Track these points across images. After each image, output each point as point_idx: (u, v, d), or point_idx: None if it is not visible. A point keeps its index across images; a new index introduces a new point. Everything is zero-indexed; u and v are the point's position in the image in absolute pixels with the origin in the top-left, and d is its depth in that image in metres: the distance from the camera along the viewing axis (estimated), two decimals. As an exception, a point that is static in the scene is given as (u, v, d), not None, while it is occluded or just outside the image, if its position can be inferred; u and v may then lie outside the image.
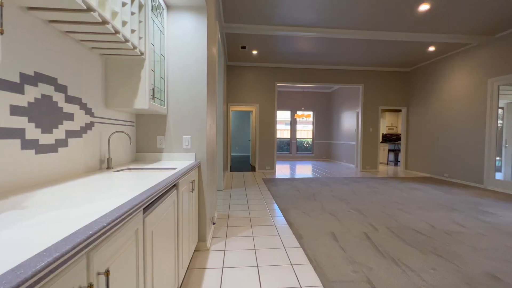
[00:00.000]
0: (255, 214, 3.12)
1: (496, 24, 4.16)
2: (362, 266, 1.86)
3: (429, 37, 4.63)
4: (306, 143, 10.81)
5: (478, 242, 2.32)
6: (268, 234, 2.47)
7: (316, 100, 10.21)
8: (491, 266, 1.88)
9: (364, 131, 6.95)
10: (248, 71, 6.67)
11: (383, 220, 2.88)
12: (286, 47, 5.37)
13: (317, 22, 4.21)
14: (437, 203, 3.64)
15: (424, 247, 2.20)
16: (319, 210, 3.25)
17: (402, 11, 3.78)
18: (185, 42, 2.10)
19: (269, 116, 6.75)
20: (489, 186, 4.73)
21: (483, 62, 4.85)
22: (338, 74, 6.91)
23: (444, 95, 5.76)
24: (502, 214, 3.14)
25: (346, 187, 4.76)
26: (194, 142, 2.13)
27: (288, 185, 4.91)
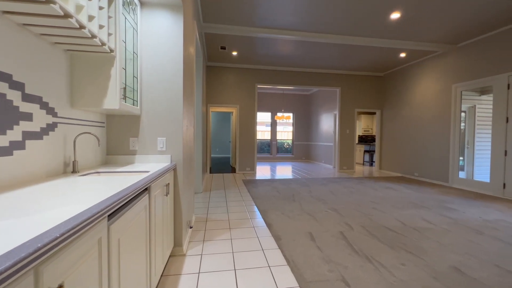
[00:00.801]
0: (234, 216, 3.09)
1: (458, 34, 4.49)
2: (338, 265, 1.90)
3: (400, 43, 4.89)
4: (287, 144, 10.95)
5: (444, 237, 2.47)
6: (246, 237, 2.46)
7: (296, 102, 10.38)
8: (454, 260, 2.00)
9: (341, 132, 7.17)
10: (228, 72, 6.63)
11: (359, 219, 2.98)
12: (266, 49, 5.41)
13: (297, 25, 4.28)
14: (408, 201, 3.83)
15: (395, 243, 2.30)
16: (298, 211, 3.29)
17: (376, 18, 3.96)
18: (160, 40, 2.03)
19: (249, 117, 6.75)
20: (453, 184, 5.08)
21: (448, 69, 5.22)
22: (316, 77, 7.08)
23: (414, 99, 6.11)
24: (465, 210, 3.38)
25: (324, 187, 4.88)
26: (169, 143, 2.06)
27: (268, 186, 4.93)
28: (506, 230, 2.68)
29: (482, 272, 1.83)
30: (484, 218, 3.05)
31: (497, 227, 2.75)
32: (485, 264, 1.95)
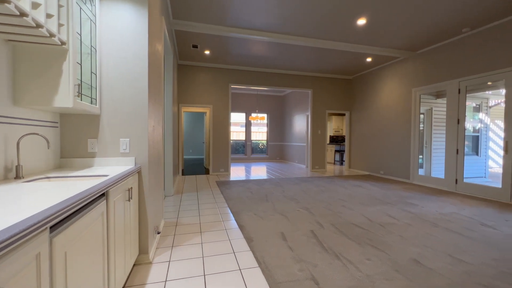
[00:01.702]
0: (205, 219, 3.01)
1: (417, 42, 4.85)
2: (308, 264, 1.93)
3: (366, 49, 5.16)
4: (261, 145, 11.02)
5: (405, 231, 2.63)
6: (218, 240, 2.40)
7: (270, 102, 10.49)
8: (414, 252, 2.14)
9: (313, 133, 7.38)
10: (201, 71, 6.49)
11: (329, 217, 3.07)
12: (240, 49, 5.38)
13: (270, 27, 4.31)
14: (374, 198, 4.04)
15: (362, 239, 2.40)
16: (271, 211, 3.30)
17: (344, 23, 4.12)
18: (123, 35, 1.90)
19: (223, 118, 6.66)
20: (414, 181, 5.47)
21: (408, 74, 5.62)
22: (289, 78, 7.21)
23: (379, 101, 6.49)
24: (424, 205, 3.65)
25: (297, 186, 4.97)
26: (133, 145, 1.93)
27: (241, 187, 4.89)
28: (458, 222, 2.94)
29: (437, 262, 1.97)
30: (440, 212, 3.32)
31: (450, 220, 3.00)
32: (439, 254, 2.10)
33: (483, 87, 4.86)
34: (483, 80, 4.22)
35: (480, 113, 6.64)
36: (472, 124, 6.53)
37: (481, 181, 5.51)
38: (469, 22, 4.02)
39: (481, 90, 5.85)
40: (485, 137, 6.50)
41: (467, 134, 6.18)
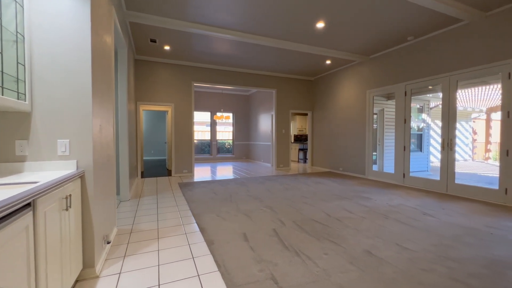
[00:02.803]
0: (164, 224, 2.84)
1: (370, 47, 5.22)
2: (268, 263, 1.93)
3: (326, 51, 5.40)
4: (228, 144, 10.90)
5: (360, 224, 2.80)
6: (176, 245, 2.27)
7: (235, 102, 10.42)
8: (367, 244, 2.28)
9: (278, 132, 7.52)
10: (161, 67, 6.15)
11: (291, 215, 3.13)
12: (202, 46, 5.22)
13: (233, 25, 4.25)
14: (333, 194, 4.25)
15: (321, 235, 2.49)
16: (234, 212, 3.25)
17: (304, 25, 4.24)
18: (60, 22, 1.68)
19: (186, 117, 6.41)
20: (369, 176, 5.90)
21: (363, 77, 6.03)
22: (254, 78, 7.23)
23: (338, 102, 6.85)
24: (376, 199, 3.94)
25: (261, 185, 5.00)
26: (75, 147, 1.72)
27: (205, 188, 4.76)
28: (405, 212, 3.22)
29: (387, 251, 2.13)
30: (390, 204, 3.61)
31: (399, 211, 3.28)
32: (389, 244, 2.27)
33: (424, 90, 5.43)
34: (424, 84, 4.71)
35: (423, 114, 7.42)
36: (417, 123, 7.27)
37: (424, 174, 6.15)
38: (413, 32, 4.44)
39: (423, 93, 6.53)
40: (427, 135, 7.29)
41: (413, 132, 6.87)
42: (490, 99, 7.72)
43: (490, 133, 9.65)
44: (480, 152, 10.14)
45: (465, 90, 7.07)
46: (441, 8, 3.49)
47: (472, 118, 10.08)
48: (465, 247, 2.21)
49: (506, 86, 3.60)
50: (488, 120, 9.67)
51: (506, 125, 3.60)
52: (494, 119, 9.38)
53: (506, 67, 3.59)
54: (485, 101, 8.07)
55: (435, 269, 1.85)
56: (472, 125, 10.21)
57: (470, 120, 10.10)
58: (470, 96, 7.64)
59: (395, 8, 3.65)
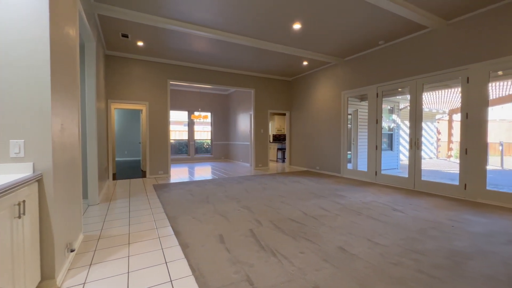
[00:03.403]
0: (136, 228, 2.71)
1: (344, 50, 5.40)
2: (244, 265, 1.90)
3: (303, 52, 5.50)
4: (206, 144, 10.71)
5: (334, 221, 2.87)
6: (148, 250, 2.17)
7: (213, 101, 10.27)
8: (340, 240, 2.34)
9: (257, 132, 7.53)
10: (135, 64, 5.88)
11: (268, 214, 3.13)
12: (179, 43, 5.06)
13: (211, 23, 4.16)
14: (310, 192, 4.33)
15: (297, 233, 2.51)
16: (211, 213, 3.19)
17: (281, 26, 4.27)
18: (15, 12, 1.52)
19: (161, 116, 6.19)
20: (344, 174, 6.10)
21: (338, 78, 6.22)
22: (233, 77, 7.17)
23: (315, 102, 7.01)
24: (350, 196, 4.08)
25: (239, 185, 4.96)
26: (31, 148, 1.57)
27: (181, 189, 4.62)
28: (376, 209, 3.36)
29: (359, 247, 2.20)
30: (363, 201, 3.76)
31: (371, 208, 3.42)
32: (361, 240, 2.36)
33: (394, 92, 5.73)
34: (394, 86, 4.96)
35: (393, 115, 7.84)
36: (388, 123, 7.66)
37: (394, 172, 6.50)
38: (383, 36, 4.66)
39: (393, 95, 6.90)
40: (397, 135, 7.71)
41: (384, 132, 7.22)
42: (452, 102, 8.35)
43: (452, 133, 10.45)
44: (444, 151, 10.95)
45: (431, 93, 7.58)
46: (408, 14, 3.69)
47: (436, 119, 10.84)
48: (429, 240, 2.35)
49: (465, 90, 3.90)
50: (450, 121, 10.45)
51: (464, 126, 3.90)
52: (455, 120, 10.16)
53: (465, 72, 3.89)
54: (448, 103, 8.72)
55: (403, 262, 1.94)
56: (436, 125, 10.99)
57: (435, 120, 10.86)
58: (435, 99, 8.21)
59: (368, 13, 3.80)
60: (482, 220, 2.91)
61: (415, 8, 3.63)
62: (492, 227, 2.69)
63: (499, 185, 4.89)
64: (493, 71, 3.63)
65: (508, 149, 9.28)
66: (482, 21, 3.68)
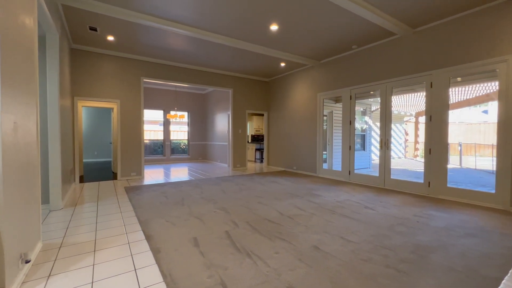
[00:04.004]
0: (103, 234, 2.54)
1: (320, 52, 5.55)
2: (218, 268, 1.86)
3: (280, 54, 5.55)
4: (183, 145, 10.43)
5: (309, 220, 2.92)
6: (116, 257, 2.04)
7: (190, 100, 10.03)
8: (315, 239, 2.38)
9: (235, 132, 7.48)
10: (105, 60, 5.55)
11: (244, 215, 3.11)
12: (154, 39, 4.86)
13: (187, 20, 4.04)
14: (287, 192, 4.38)
15: (273, 234, 2.52)
16: (186, 216, 3.09)
17: (259, 26, 4.27)
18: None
19: (134, 115, 5.91)
20: (320, 174, 6.26)
21: (314, 80, 6.38)
22: (210, 76, 7.05)
23: (293, 103, 7.12)
24: (325, 195, 4.19)
25: (216, 187, 4.88)
26: (-25, 148, 1.40)
27: (155, 191, 4.44)
28: (349, 207, 3.48)
29: (332, 245, 2.25)
30: (337, 200, 3.87)
31: (344, 206, 3.53)
32: (334, 238, 2.42)
33: (367, 95, 5.99)
34: (366, 89, 5.19)
35: (366, 116, 8.20)
36: (361, 125, 8.00)
37: (366, 171, 6.80)
38: (356, 41, 4.85)
39: (366, 97, 7.22)
40: (369, 135, 8.07)
41: (357, 133, 7.54)
42: (418, 105, 8.94)
43: (418, 134, 11.18)
44: (411, 151, 11.68)
45: (399, 96, 8.05)
46: (379, 21, 3.87)
47: (404, 121, 11.54)
48: (397, 236, 2.48)
49: (429, 94, 4.18)
50: (416, 122, 11.18)
51: (429, 128, 4.18)
52: (421, 122, 10.90)
53: (429, 77, 4.17)
54: (414, 106, 9.32)
55: (372, 258, 2.02)
56: (404, 127, 11.70)
57: (403, 122, 11.55)
58: (403, 102, 8.73)
59: (342, 18, 3.92)
60: (443, 215, 3.13)
61: (385, 16, 3.81)
62: (451, 221, 2.90)
63: (458, 182, 5.32)
64: (452, 77, 3.93)
65: (466, 149, 10.14)
66: (443, 30, 3.97)
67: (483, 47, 3.56)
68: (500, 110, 3.43)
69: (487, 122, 10.65)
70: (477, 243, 2.31)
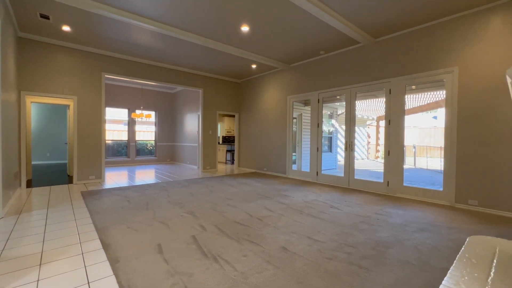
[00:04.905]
0: (52, 245, 2.28)
1: (290, 56, 5.68)
2: (183, 275, 1.77)
3: (251, 55, 5.56)
4: (150, 146, 9.92)
5: (278, 221, 2.94)
6: (66, 271, 1.84)
7: (158, 99, 9.60)
8: (283, 240, 2.40)
9: (205, 133, 7.31)
10: (59, 52, 5.04)
11: (213, 218, 3.03)
12: (118, 33, 4.53)
13: (156, 15, 3.83)
14: (257, 194, 4.38)
15: (241, 236, 2.48)
16: (149, 221, 2.92)
17: (230, 27, 4.23)
18: None
19: (94, 113, 5.45)
20: (289, 175, 6.39)
21: (285, 83, 6.51)
22: (179, 75, 6.81)
23: (264, 105, 7.18)
24: (294, 196, 4.27)
25: (185, 189, 4.71)
26: None
27: (117, 196, 4.14)
28: (316, 207, 3.59)
29: (300, 245, 2.29)
30: (305, 200, 3.97)
31: (312, 206, 3.63)
32: (302, 238, 2.46)
33: (333, 99, 6.26)
34: (333, 93, 5.43)
35: (332, 120, 8.59)
36: (328, 127, 8.36)
37: (333, 172, 7.10)
38: (324, 47, 5.06)
39: (332, 101, 7.55)
40: (335, 138, 8.46)
41: (325, 135, 7.86)
42: (378, 110, 9.61)
43: (379, 137, 12.03)
44: (373, 152, 12.52)
45: (363, 101, 8.57)
46: (344, 29, 4.07)
47: (367, 124, 12.34)
48: (359, 233, 2.60)
49: (388, 100, 4.50)
50: (377, 126, 12.02)
51: (388, 131, 4.50)
52: (381, 126, 11.75)
53: (387, 84, 4.49)
54: (376, 111, 10.01)
55: (337, 256, 2.09)
56: (367, 130, 12.50)
57: (366, 126, 12.34)
58: (366, 106, 9.32)
59: (309, 24, 4.05)
60: (400, 212, 3.38)
61: (350, 25, 4.03)
62: (407, 217, 3.14)
63: (413, 181, 5.81)
64: (408, 85, 4.29)
65: (419, 151, 11.16)
66: (400, 41, 4.31)
67: (434, 58, 3.94)
68: (447, 116, 3.82)
69: (436, 126, 11.85)
70: (428, 237, 2.52)
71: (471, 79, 3.58)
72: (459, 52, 3.68)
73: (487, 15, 3.44)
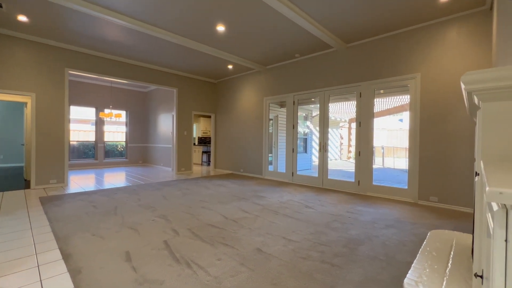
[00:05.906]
0: (3, 257, 2.05)
1: (266, 58, 5.72)
2: (153, 283, 1.68)
3: (227, 56, 5.51)
4: (120, 147, 9.40)
5: (253, 223, 2.93)
6: (20, 286, 1.66)
7: (130, 98, 9.14)
8: (258, 242, 2.39)
9: (179, 134, 7.10)
10: (14, 44, 4.58)
11: (187, 222, 2.93)
12: (83, 26, 4.23)
13: (126, 10, 3.63)
14: (232, 195, 4.33)
15: (216, 239, 2.43)
16: (117, 227, 2.74)
17: (206, 26, 4.15)
18: None
19: (55, 112, 5.03)
20: (266, 176, 6.42)
21: (261, 84, 6.54)
22: (152, 73, 6.54)
23: (240, 106, 7.15)
24: (270, 197, 4.29)
25: (157, 192, 4.52)
26: None
27: (81, 201, 3.85)
28: (291, 207, 3.64)
29: (275, 246, 2.29)
30: (280, 201, 4.01)
31: (287, 206, 3.67)
32: (277, 239, 2.47)
33: (308, 101, 6.42)
34: (308, 96, 5.56)
35: (307, 121, 8.80)
36: (303, 129, 8.55)
37: (307, 172, 7.26)
38: (299, 50, 5.17)
39: (307, 103, 7.74)
40: (310, 139, 8.68)
41: (300, 137, 8.03)
42: (350, 112, 10.05)
43: (350, 138, 12.57)
44: (345, 153, 13.05)
45: (336, 104, 8.90)
46: (317, 33, 4.19)
47: (339, 126, 12.85)
48: (332, 232, 2.68)
49: (359, 103, 4.72)
50: (349, 128, 12.56)
51: (358, 133, 4.71)
52: (353, 128, 12.29)
53: (358, 88, 4.70)
54: (348, 113, 10.45)
55: (311, 255, 2.12)
56: (340, 131, 13.01)
57: (339, 127, 12.84)
58: (339, 109, 9.70)
59: (285, 27, 4.11)
60: (369, 210, 3.54)
61: (323, 29, 4.16)
62: (376, 215, 3.30)
63: (381, 180, 6.14)
64: (376, 89, 4.52)
65: (387, 151, 11.85)
66: (370, 47, 4.54)
67: (399, 65, 4.20)
68: (411, 119, 4.09)
69: (402, 128, 12.68)
70: (394, 233, 2.66)
71: (432, 84, 3.87)
72: (421, 60, 3.97)
73: (445, 26, 3.75)
